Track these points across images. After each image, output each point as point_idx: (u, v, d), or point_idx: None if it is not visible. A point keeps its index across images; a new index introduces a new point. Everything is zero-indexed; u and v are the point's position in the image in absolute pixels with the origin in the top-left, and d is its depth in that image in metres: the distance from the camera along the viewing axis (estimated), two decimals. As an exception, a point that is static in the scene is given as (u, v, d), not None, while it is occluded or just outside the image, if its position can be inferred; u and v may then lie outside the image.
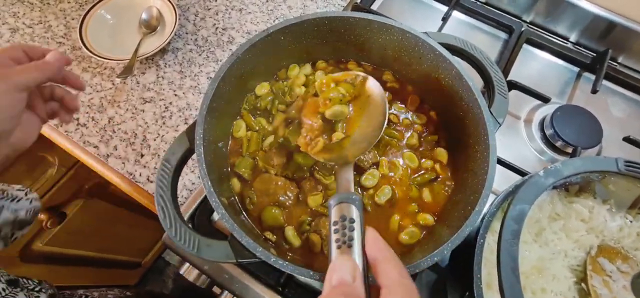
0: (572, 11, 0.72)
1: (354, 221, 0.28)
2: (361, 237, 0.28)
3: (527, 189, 0.34)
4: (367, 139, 0.39)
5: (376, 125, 0.39)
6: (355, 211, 0.29)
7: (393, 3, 0.77)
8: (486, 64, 0.42)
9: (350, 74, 0.43)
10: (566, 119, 0.60)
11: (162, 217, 0.34)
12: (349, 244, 0.27)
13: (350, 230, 0.28)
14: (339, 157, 0.38)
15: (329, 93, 0.41)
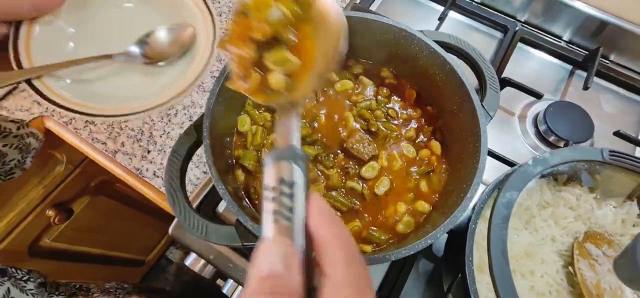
0: (565, 11, 0.74)
1: (294, 185, 0.21)
2: (303, 208, 0.21)
3: (516, 177, 0.36)
4: (317, 74, 0.27)
5: (329, 55, 0.28)
6: (297, 172, 0.22)
7: (391, 4, 0.80)
8: (479, 61, 0.44)
9: None
10: (559, 114, 0.62)
11: (171, 204, 0.36)
12: (288, 217, 0.21)
13: (290, 197, 0.21)
14: (278, 98, 0.26)
15: (265, 13, 0.26)
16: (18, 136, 0.45)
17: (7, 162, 0.43)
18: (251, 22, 0.27)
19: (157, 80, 0.35)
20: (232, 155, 0.45)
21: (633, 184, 0.40)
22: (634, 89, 0.69)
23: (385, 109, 0.48)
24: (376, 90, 0.50)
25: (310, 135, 0.46)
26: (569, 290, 0.38)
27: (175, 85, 0.33)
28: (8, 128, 0.45)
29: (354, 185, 0.44)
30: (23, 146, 0.45)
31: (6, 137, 0.44)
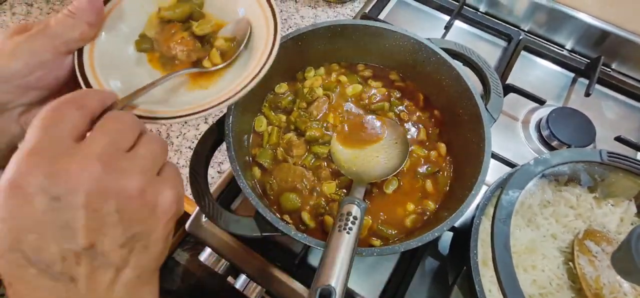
0: (567, 21, 0.76)
1: (357, 219, 0.35)
2: (357, 233, 0.35)
3: (518, 176, 0.39)
4: (390, 170, 0.45)
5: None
6: (359, 213, 0.36)
7: (399, 13, 0.83)
8: (483, 67, 0.47)
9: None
10: (561, 120, 0.64)
11: (195, 196, 0.38)
12: (348, 232, 0.34)
13: (353, 223, 0.35)
14: (358, 178, 0.44)
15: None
16: None
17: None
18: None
19: (212, 80, 0.36)
20: (249, 153, 0.48)
21: (630, 185, 0.42)
22: (635, 96, 0.71)
23: (397, 111, 0.51)
24: (388, 93, 0.52)
25: (323, 136, 0.49)
26: (570, 285, 0.40)
27: (232, 84, 0.34)
28: None
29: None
30: None
31: None
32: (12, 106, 0.28)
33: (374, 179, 0.45)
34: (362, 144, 0.46)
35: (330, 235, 0.34)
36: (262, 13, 0.37)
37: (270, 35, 0.35)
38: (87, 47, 0.31)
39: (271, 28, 0.36)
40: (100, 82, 0.31)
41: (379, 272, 0.51)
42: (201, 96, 0.35)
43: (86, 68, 0.30)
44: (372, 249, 0.37)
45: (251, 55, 0.36)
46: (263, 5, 0.37)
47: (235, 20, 0.38)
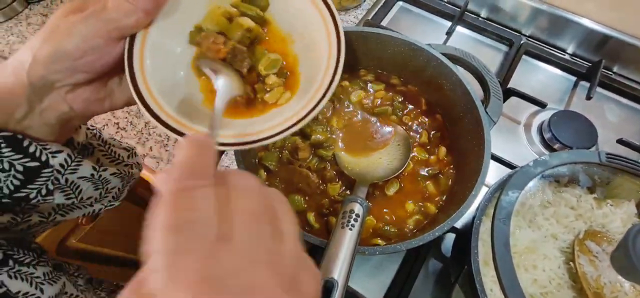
0: (568, 26, 0.77)
1: (359, 217, 0.37)
2: (359, 230, 0.36)
3: (518, 177, 0.40)
4: (392, 171, 0.47)
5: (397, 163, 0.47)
6: (362, 211, 0.37)
7: (401, 19, 0.84)
8: (482, 71, 0.48)
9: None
10: (563, 123, 0.65)
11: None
12: (350, 228, 0.35)
13: (355, 220, 0.36)
14: (362, 178, 0.45)
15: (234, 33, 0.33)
16: (128, 165, 0.40)
17: (109, 189, 0.38)
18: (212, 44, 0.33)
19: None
20: (255, 156, 0.50)
21: (630, 186, 0.43)
22: (636, 98, 0.71)
23: (400, 114, 0.52)
24: (390, 97, 0.54)
25: (327, 140, 0.50)
26: (570, 284, 0.40)
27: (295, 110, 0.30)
28: (120, 156, 0.40)
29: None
30: (126, 175, 0.39)
31: (118, 165, 0.39)
32: (60, 86, 0.28)
33: (377, 179, 0.46)
34: (368, 152, 0.48)
35: (333, 232, 0.35)
36: (324, 27, 0.33)
37: (333, 56, 0.32)
38: (140, 35, 0.30)
39: (334, 46, 0.32)
40: (145, 77, 0.29)
41: (383, 273, 0.52)
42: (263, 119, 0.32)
43: (135, 59, 0.29)
44: (375, 248, 0.38)
45: (311, 73, 0.33)
46: (326, 20, 0.33)
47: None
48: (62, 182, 0.32)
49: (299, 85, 0.33)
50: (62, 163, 0.31)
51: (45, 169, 0.30)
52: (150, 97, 0.30)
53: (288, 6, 0.34)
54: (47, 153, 0.30)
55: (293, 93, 0.33)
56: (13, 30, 0.84)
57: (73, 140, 0.35)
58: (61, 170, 0.32)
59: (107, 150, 0.39)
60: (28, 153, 0.29)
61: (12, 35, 0.83)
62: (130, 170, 0.39)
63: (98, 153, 0.38)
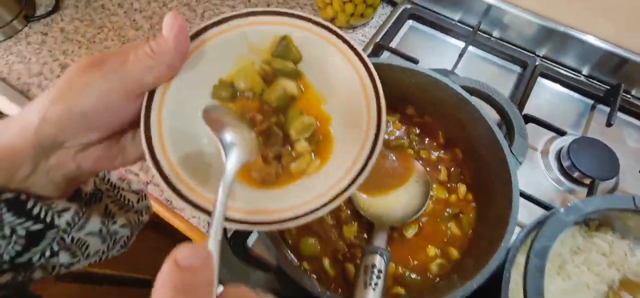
0: (583, 47, 0.75)
1: (382, 272, 0.35)
2: (383, 287, 0.34)
3: (550, 227, 0.37)
4: (412, 212, 0.44)
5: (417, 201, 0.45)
6: (384, 265, 0.35)
7: (411, 40, 0.82)
8: (506, 107, 0.46)
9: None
10: (583, 150, 0.63)
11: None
12: (374, 288, 0.33)
13: (378, 277, 0.34)
14: (379, 221, 0.43)
15: (271, 94, 0.31)
16: (138, 211, 0.37)
17: (118, 239, 0.35)
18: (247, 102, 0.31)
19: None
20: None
21: (666, 232, 0.41)
22: (658, 125, 0.69)
23: (417, 148, 0.50)
24: (407, 129, 0.51)
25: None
26: (606, 340, 0.38)
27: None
28: (130, 201, 0.37)
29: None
30: (136, 224, 0.36)
31: (127, 213, 0.36)
32: (69, 145, 0.26)
33: (396, 222, 0.44)
34: (384, 190, 0.45)
35: (355, 292, 0.33)
36: (360, 86, 0.29)
37: (372, 120, 0.28)
38: (160, 90, 0.27)
39: (373, 110, 0.28)
40: (163, 138, 0.26)
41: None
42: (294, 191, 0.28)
43: (152, 116, 0.26)
44: (398, 304, 0.35)
45: (346, 138, 0.29)
46: (363, 78, 0.29)
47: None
48: (68, 241, 0.30)
49: (331, 152, 0.30)
50: (68, 222, 0.29)
51: (50, 230, 0.28)
52: (166, 162, 0.26)
53: (321, 61, 0.31)
54: (52, 213, 0.28)
55: (323, 161, 0.29)
56: (12, 50, 0.82)
57: (80, 191, 0.32)
58: (67, 229, 0.29)
59: (115, 196, 0.36)
60: (32, 216, 0.26)
61: (11, 55, 0.81)
62: (140, 217, 0.37)
63: (106, 199, 0.35)
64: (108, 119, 0.26)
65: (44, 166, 0.26)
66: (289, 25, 0.31)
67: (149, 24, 0.87)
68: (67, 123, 0.25)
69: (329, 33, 0.31)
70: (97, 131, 0.26)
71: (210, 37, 0.30)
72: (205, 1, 0.92)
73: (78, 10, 0.88)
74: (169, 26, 0.26)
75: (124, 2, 0.91)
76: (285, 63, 0.31)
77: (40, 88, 0.76)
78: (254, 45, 0.32)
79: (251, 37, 0.31)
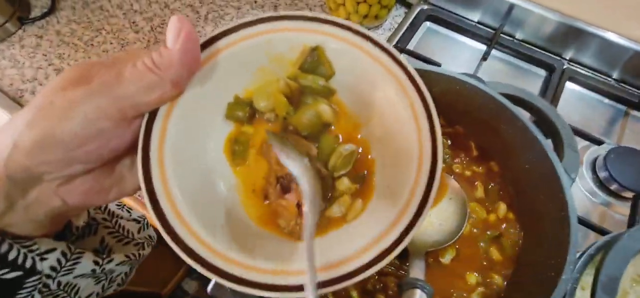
0: (613, 49, 0.70)
1: None
2: None
3: (615, 254, 0.32)
4: (448, 234, 0.39)
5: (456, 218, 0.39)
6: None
7: (429, 41, 0.78)
8: (552, 117, 0.41)
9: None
10: (621, 161, 0.58)
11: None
12: None
13: None
14: (413, 246, 0.37)
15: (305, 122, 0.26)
16: (139, 244, 0.32)
17: (114, 278, 0.30)
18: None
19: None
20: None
21: None
22: (699, 132, 0.64)
23: (449, 161, 0.45)
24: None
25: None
26: None
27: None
28: (130, 232, 0.32)
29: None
30: (134, 258, 0.31)
31: (126, 246, 0.31)
32: (50, 179, 0.21)
33: (432, 247, 0.39)
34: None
35: None
36: (405, 101, 0.24)
37: (425, 148, 0.23)
38: (162, 112, 0.22)
39: (425, 131, 0.23)
40: (166, 176, 0.21)
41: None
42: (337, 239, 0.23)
43: (152, 146, 0.21)
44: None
45: (391, 173, 0.24)
46: (407, 91, 0.24)
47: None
48: (54, 286, 0.25)
49: (373, 190, 0.24)
50: (53, 266, 0.24)
51: (30, 278, 0.23)
52: (171, 208, 0.21)
53: (359, 78, 0.26)
54: (33, 257, 0.23)
55: (366, 202, 0.24)
56: (5, 54, 0.77)
57: (71, 225, 0.27)
58: (52, 274, 0.24)
59: (113, 226, 0.31)
60: (7, 262, 0.21)
61: (3, 59, 0.76)
62: (141, 251, 0.32)
63: (103, 230, 0.30)
64: (96, 147, 0.21)
65: (22, 203, 0.21)
66: (321, 33, 0.26)
67: (149, 26, 0.83)
68: (42, 153, 0.20)
69: (374, 46, 0.25)
70: (82, 162, 0.21)
71: (225, 45, 0.24)
72: (209, 2, 0.87)
73: (75, 12, 0.84)
74: (174, 33, 0.21)
75: (123, 3, 0.86)
76: (316, 79, 0.26)
77: (33, 94, 0.71)
78: (278, 56, 0.26)
79: (275, 46, 0.26)
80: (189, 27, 0.21)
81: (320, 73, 0.26)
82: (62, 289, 0.26)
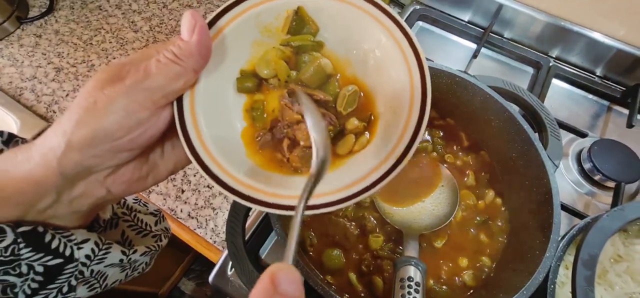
0: (597, 47, 0.74)
1: (420, 285, 0.32)
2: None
3: (594, 234, 0.35)
4: (440, 219, 0.41)
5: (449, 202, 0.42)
6: (420, 276, 0.33)
7: (421, 40, 0.80)
8: (537, 108, 0.44)
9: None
10: (604, 153, 0.61)
11: (235, 265, 0.34)
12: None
13: (416, 292, 0.32)
14: (408, 228, 0.40)
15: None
16: (156, 235, 0.34)
17: (136, 267, 0.32)
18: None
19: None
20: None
21: None
22: (677, 125, 0.68)
23: (441, 152, 0.47)
24: (430, 132, 0.49)
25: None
26: (656, 355, 0.35)
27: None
28: (148, 224, 0.34)
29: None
30: (154, 249, 0.33)
31: (145, 237, 0.33)
32: (98, 170, 0.24)
33: (425, 230, 0.41)
34: (413, 200, 0.43)
35: None
36: (399, 54, 0.26)
37: (415, 92, 0.25)
38: (187, 96, 0.25)
39: (416, 77, 0.25)
40: (202, 137, 0.25)
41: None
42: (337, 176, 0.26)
43: (188, 125, 0.25)
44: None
45: (387, 105, 0.27)
46: (400, 44, 0.26)
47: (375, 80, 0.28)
48: (87, 274, 0.27)
49: (377, 124, 0.27)
50: (88, 255, 0.26)
51: (69, 265, 0.25)
52: (214, 163, 0.25)
53: (338, 23, 0.28)
54: (72, 246, 0.25)
55: (372, 136, 0.27)
56: (3, 52, 0.78)
57: (98, 218, 0.29)
58: (87, 263, 0.26)
59: (132, 219, 0.33)
60: (50, 250, 0.24)
61: (2, 58, 0.77)
62: (159, 242, 0.34)
63: (123, 224, 0.32)
64: (137, 136, 0.24)
65: (68, 196, 0.24)
66: None
67: (148, 25, 0.84)
68: (93, 147, 0.22)
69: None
70: (127, 151, 0.24)
71: (221, 27, 0.27)
72: (206, 2, 0.89)
73: (73, 12, 0.85)
74: (190, 27, 0.24)
75: (121, 3, 0.87)
76: (305, 38, 0.29)
77: (33, 92, 0.72)
78: (267, 27, 0.29)
79: (263, 19, 0.29)
80: (201, 21, 0.24)
81: (307, 31, 0.29)
82: (94, 277, 0.28)
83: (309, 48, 0.29)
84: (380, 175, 0.24)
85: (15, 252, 0.23)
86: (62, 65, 0.76)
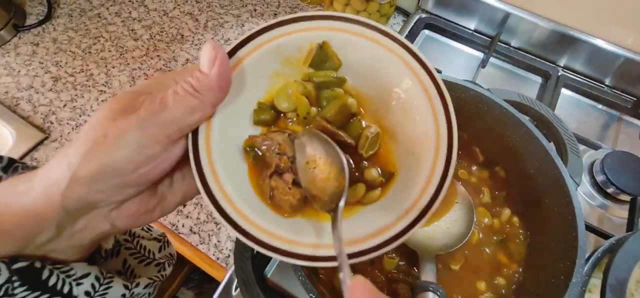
0: (606, 57, 0.73)
1: None
2: None
3: (622, 257, 0.33)
4: (456, 238, 0.39)
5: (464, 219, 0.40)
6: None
7: (427, 50, 0.79)
8: (555, 123, 0.42)
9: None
10: (617, 165, 0.59)
11: (244, 292, 0.32)
12: None
13: None
14: (423, 249, 0.38)
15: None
16: (160, 264, 0.32)
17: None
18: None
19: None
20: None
21: None
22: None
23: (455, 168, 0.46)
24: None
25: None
26: None
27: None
28: (151, 252, 0.33)
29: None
30: (157, 280, 0.31)
31: (148, 266, 0.31)
32: (103, 205, 0.22)
33: (441, 250, 0.39)
34: (432, 218, 0.41)
35: None
36: (425, 98, 0.25)
37: (441, 141, 0.24)
38: (202, 129, 0.24)
39: (442, 124, 0.24)
40: (216, 175, 0.23)
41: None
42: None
43: (202, 156, 0.23)
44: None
45: (405, 153, 0.26)
46: (427, 88, 0.25)
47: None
48: None
49: (394, 173, 0.26)
50: (88, 291, 0.24)
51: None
52: (235, 212, 0.23)
53: (362, 60, 0.27)
54: (70, 282, 0.23)
55: (384, 190, 0.25)
56: (0, 61, 0.75)
57: (100, 249, 0.28)
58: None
59: (135, 246, 0.31)
60: (47, 288, 0.22)
61: (-2, 67, 0.75)
62: (162, 272, 0.32)
63: (125, 252, 0.30)
64: (147, 171, 0.22)
65: (69, 231, 0.22)
66: (324, 29, 0.27)
67: (148, 33, 0.82)
68: (102, 181, 0.21)
69: (377, 33, 0.26)
70: (135, 186, 0.22)
71: (241, 58, 0.26)
72: (208, 10, 0.87)
73: (72, 20, 0.83)
74: (210, 58, 0.22)
75: (121, 10, 0.86)
76: (328, 74, 0.28)
77: (30, 102, 0.70)
78: (288, 58, 0.28)
79: (285, 50, 0.27)
80: (223, 53, 0.23)
81: (329, 66, 0.27)
82: None
83: (331, 83, 0.27)
84: (403, 227, 0.23)
85: (9, 292, 0.21)
86: (60, 75, 0.74)
